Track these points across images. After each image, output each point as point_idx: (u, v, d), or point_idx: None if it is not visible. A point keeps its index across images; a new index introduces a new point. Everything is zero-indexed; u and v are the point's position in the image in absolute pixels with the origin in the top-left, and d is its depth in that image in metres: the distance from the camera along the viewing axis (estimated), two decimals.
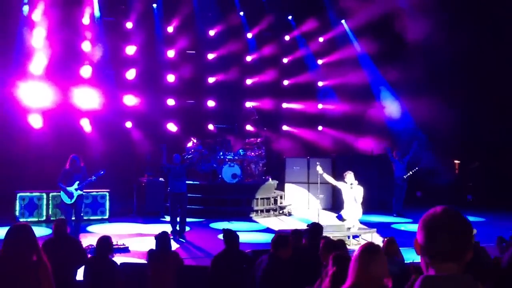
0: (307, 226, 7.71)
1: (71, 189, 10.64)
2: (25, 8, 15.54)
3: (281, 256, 5.95)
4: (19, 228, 4.19)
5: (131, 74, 17.49)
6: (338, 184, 11.86)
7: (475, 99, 16.90)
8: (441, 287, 2.08)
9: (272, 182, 16.42)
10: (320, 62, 20.23)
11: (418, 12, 17.04)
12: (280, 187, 16.92)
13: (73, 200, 10.69)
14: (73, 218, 10.83)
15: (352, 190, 11.54)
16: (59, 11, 15.39)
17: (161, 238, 6.95)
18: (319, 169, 12.03)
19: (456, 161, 19.09)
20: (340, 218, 11.71)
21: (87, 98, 16.24)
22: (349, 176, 11.62)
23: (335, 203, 16.18)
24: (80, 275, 6.90)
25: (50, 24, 15.53)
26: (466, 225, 2.15)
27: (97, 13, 16.77)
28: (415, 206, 16.38)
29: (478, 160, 18.67)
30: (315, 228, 7.34)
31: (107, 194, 14.15)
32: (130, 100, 17.39)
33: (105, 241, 6.53)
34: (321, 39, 19.91)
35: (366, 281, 3.27)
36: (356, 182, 11.64)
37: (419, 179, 16.42)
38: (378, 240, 11.19)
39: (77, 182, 10.71)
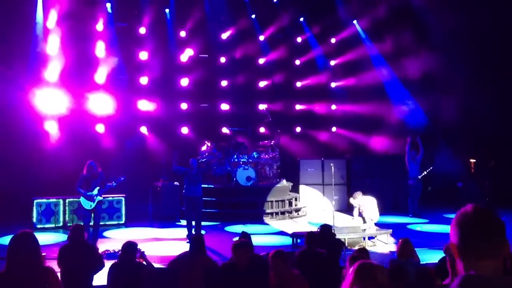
0: (318, 229, 7.73)
1: (93, 193, 10.74)
2: (39, 16, 15.72)
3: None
4: (21, 236, 4.22)
5: (144, 79, 17.61)
6: (356, 208, 11.99)
7: (491, 97, 16.72)
8: (482, 285, 2.07)
9: (286, 184, 16.42)
10: (332, 63, 20.21)
11: (432, 7, 16.98)
12: (295, 189, 16.91)
13: (93, 206, 10.79)
14: (91, 224, 10.92)
15: (364, 209, 11.69)
16: (72, 18, 15.56)
17: (196, 240, 7.01)
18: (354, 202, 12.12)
19: (472, 160, 18.91)
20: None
21: (101, 104, 16.40)
22: (358, 197, 11.87)
23: (350, 204, 16.12)
24: (98, 280, 6.97)
25: (64, 31, 15.71)
26: (498, 221, 2.16)
27: (110, 19, 16.93)
28: (431, 207, 16.33)
29: (494, 158, 18.47)
30: (325, 231, 7.35)
31: (123, 199, 14.24)
32: (144, 105, 17.51)
33: (130, 246, 6.58)
34: (333, 40, 19.90)
35: None
36: (364, 201, 11.75)
37: (434, 178, 16.33)
38: (391, 241, 11.19)
39: (97, 188, 10.80)
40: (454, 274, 4.08)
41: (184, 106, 18.40)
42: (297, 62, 20.18)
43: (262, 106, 18.63)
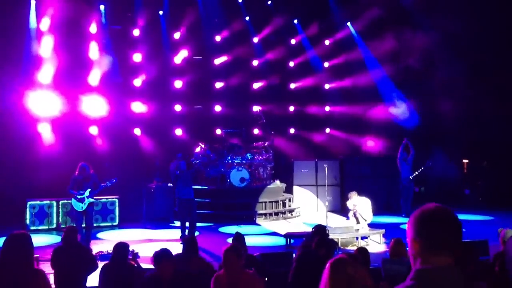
0: (312, 229, 7.77)
1: (83, 196, 10.74)
2: (33, 18, 15.71)
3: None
4: (16, 236, 4.23)
5: (138, 81, 17.61)
6: (351, 211, 12.03)
7: (482, 98, 16.82)
8: (434, 279, 2.09)
9: (280, 185, 16.46)
10: (326, 64, 20.28)
11: (423, 11, 17.08)
12: (288, 190, 16.96)
13: (84, 207, 10.78)
14: (83, 226, 10.92)
15: (358, 210, 11.75)
16: (66, 20, 15.54)
17: (189, 242, 7.03)
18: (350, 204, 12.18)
19: (465, 160, 19.03)
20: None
21: (95, 106, 16.37)
22: (353, 198, 11.99)
23: (343, 205, 16.20)
24: (91, 281, 6.98)
25: (58, 33, 15.69)
26: (457, 220, 2.20)
27: (103, 21, 16.92)
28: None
29: (486, 159, 18.60)
30: (319, 231, 7.38)
31: (117, 200, 14.26)
32: (138, 107, 17.51)
33: (122, 247, 6.59)
34: (327, 42, 19.97)
35: None
36: (358, 201, 11.78)
37: (426, 178, 16.43)
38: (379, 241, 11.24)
39: (88, 190, 10.80)
40: None
41: (178, 108, 18.41)
42: (291, 64, 20.26)
43: (256, 108, 18.67)
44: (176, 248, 10.23)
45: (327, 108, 20.36)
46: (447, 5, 16.49)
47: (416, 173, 15.52)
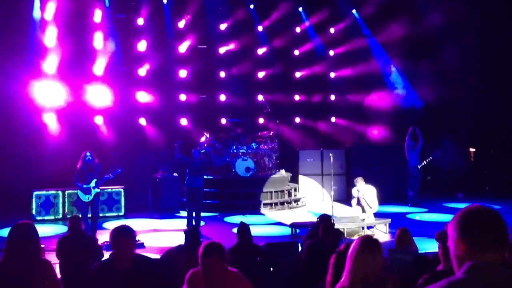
0: (318, 218, 7.74)
1: (90, 186, 10.73)
2: (37, 8, 15.66)
3: None
4: (22, 226, 4.22)
5: (143, 70, 17.57)
6: (355, 197, 11.84)
7: (490, 87, 16.69)
8: (487, 274, 2.08)
9: (285, 175, 16.43)
10: (331, 53, 20.16)
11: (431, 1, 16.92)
12: (294, 179, 16.93)
13: (90, 198, 10.78)
14: (89, 216, 10.93)
15: (364, 196, 11.59)
16: (70, 10, 15.49)
17: (191, 233, 6.98)
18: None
19: (472, 149, 18.93)
20: None
21: (100, 95, 16.35)
22: (359, 184, 11.74)
23: (349, 194, 16.16)
24: None
25: (62, 23, 15.65)
26: (503, 220, 2.21)
27: (108, 10, 16.86)
28: (430, 196, 16.38)
29: (493, 148, 18.50)
30: (324, 220, 7.36)
31: (122, 190, 14.27)
32: (142, 96, 17.48)
33: None
34: (332, 30, 19.84)
35: (364, 273, 3.30)
36: (365, 187, 11.67)
37: (433, 167, 16.36)
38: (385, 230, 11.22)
39: (94, 180, 10.78)
40: (446, 261, 4.10)
41: (182, 97, 18.37)
42: (296, 52, 20.14)
43: (261, 97, 18.60)
44: (183, 238, 10.25)
45: (333, 97, 20.27)
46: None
47: (425, 162, 15.43)
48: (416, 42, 17.54)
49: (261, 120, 18.85)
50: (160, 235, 11.68)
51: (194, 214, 12.03)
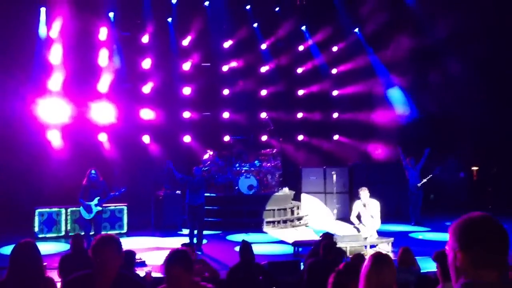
0: (320, 237, 7.74)
1: (91, 204, 10.77)
2: (42, 26, 15.82)
3: None
4: (25, 245, 4.23)
5: (147, 88, 17.68)
6: (355, 211, 11.73)
7: (493, 104, 16.71)
8: None
9: (288, 193, 16.41)
10: (334, 71, 20.26)
11: (431, 16, 17.03)
12: (297, 197, 16.91)
13: (92, 216, 10.80)
14: (92, 233, 10.93)
15: (366, 208, 11.49)
16: (75, 27, 15.64)
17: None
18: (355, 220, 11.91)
19: (474, 168, 18.90)
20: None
21: (104, 112, 16.44)
22: (363, 193, 11.57)
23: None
24: None
25: (67, 40, 15.79)
26: (504, 230, 2.11)
27: (113, 27, 17.02)
28: (433, 215, 16.30)
29: (496, 166, 18.46)
30: (326, 238, 7.36)
31: (125, 208, 14.27)
32: (146, 113, 17.56)
33: (128, 255, 6.57)
34: (335, 48, 19.96)
35: None
36: (369, 199, 11.57)
37: (435, 186, 16.32)
38: (388, 250, 11.16)
39: (97, 198, 10.82)
40: (445, 281, 4.10)
41: (186, 114, 18.45)
42: (299, 70, 20.25)
43: (264, 115, 18.67)
44: None
45: (335, 115, 20.32)
46: (453, 5, 16.40)
47: (425, 180, 15.40)
48: (417, 58, 17.62)
49: (264, 138, 18.89)
50: (162, 253, 11.63)
51: (196, 232, 12.02)
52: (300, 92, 20.32)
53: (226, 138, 18.62)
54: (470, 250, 2.07)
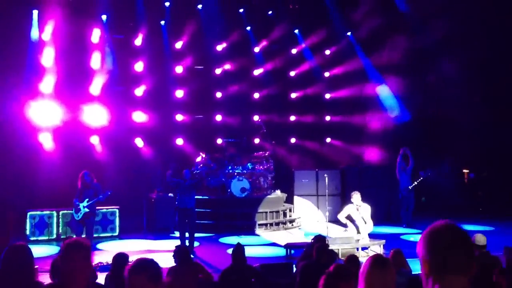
0: (312, 239, 7.77)
1: (80, 205, 10.80)
2: (35, 28, 15.78)
3: None
4: (16, 248, 4.20)
5: (140, 90, 17.67)
6: (345, 212, 11.81)
7: (484, 107, 16.81)
8: None
9: (280, 195, 16.45)
10: (327, 74, 20.34)
11: (424, 21, 17.14)
12: (289, 200, 16.94)
13: (80, 216, 10.83)
14: (83, 236, 10.92)
15: (358, 211, 11.58)
16: (68, 30, 15.62)
17: (179, 253, 7.01)
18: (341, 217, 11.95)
19: (465, 170, 19.01)
20: None
21: (96, 115, 16.41)
22: (356, 196, 11.70)
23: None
24: None
25: (60, 43, 15.76)
26: (467, 239, 2.16)
27: (105, 30, 16.99)
28: (424, 217, 16.36)
29: (487, 169, 18.58)
30: (319, 241, 7.39)
31: (117, 210, 14.23)
32: (139, 116, 17.54)
33: (121, 258, 6.56)
34: (327, 52, 20.04)
35: None
36: (361, 203, 11.67)
37: (426, 188, 16.40)
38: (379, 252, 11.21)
39: (86, 200, 10.84)
40: None
41: (179, 117, 18.45)
42: (292, 73, 20.31)
43: (257, 117, 18.70)
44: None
45: (328, 118, 20.39)
46: (445, 8, 16.51)
47: (415, 183, 15.48)
48: (410, 60, 17.71)
49: (256, 141, 18.91)
50: (154, 255, 11.60)
51: (187, 235, 12.01)
52: (293, 95, 20.38)
53: (219, 141, 18.63)
54: (434, 258, 2.13)
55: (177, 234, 13.38)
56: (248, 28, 19.42)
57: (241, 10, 19.20)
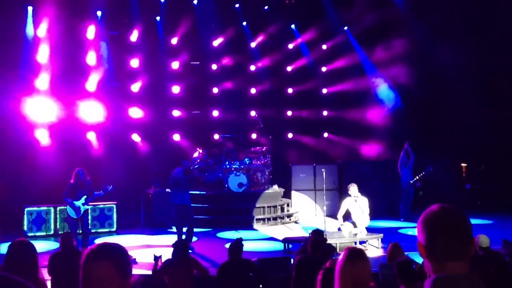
0: (310, 233, 7.77)
1: (78, 203, 10.72)
2: (30, 25, 15.71)
3: None
4: (20, 244, 4.18)
5: (136, 86, 17.62)
6: (343, 208, 11.78)
7: (482, 101, 16.80)
8: (454, 287, 2.03)
9: (278, 190, 16.45)
10: (324, 69, 20.31)
11: (420, 15, 17.12)
12: (287, 194, 16.95)
13: (79, 215, 10.78)
14: (80, 232, 10.91)
15: (356, 203, 11.55)
16: (63, 26, 15.55)
17: (178, 246, 7.00)
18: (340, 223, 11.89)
19: (463, 164, 19.02)
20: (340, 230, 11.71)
21: (92, 111, 16.37)
22: (353, 188, 11.67)
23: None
24: None
25: (55, 39, 15.70)
26: (466, 220, 2.13)
27: (101, 26, 16.93)
28: (422, 211, 16.37)
29: (485, 163, 18.59)
30: (315, 235, 7.38)
31: (115, 206, 14.21)
32: (135, 112, 17.51)
33: None
34: (324, 47, 20.01)
35: (352, 285, 3.31)
36: (359, 194, 11.64)
37: (424, 182, 16.42)
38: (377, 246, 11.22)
39: (84, 197, 10.79)
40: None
41: (175, 113, 18.42)
42: (289, 68, 20.28)
43: (253, 113, 18.67)
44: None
45: (325, 113, 20.38)
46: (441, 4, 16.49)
47: (417, 177, 15.49)
48: (407, 53, 17.67)
49: (254, 136, 18.89)
50: (152, 250, 11.60)
51: (184, 230, 11.99)
52: (290, 90, 20.35)
53: (216, 136, 18.58)
54: (432, 243, 2.09)
55: (174, 229, 13.38)
56: (244, 23, 19.37)
57: (237, 5, 19.13)
